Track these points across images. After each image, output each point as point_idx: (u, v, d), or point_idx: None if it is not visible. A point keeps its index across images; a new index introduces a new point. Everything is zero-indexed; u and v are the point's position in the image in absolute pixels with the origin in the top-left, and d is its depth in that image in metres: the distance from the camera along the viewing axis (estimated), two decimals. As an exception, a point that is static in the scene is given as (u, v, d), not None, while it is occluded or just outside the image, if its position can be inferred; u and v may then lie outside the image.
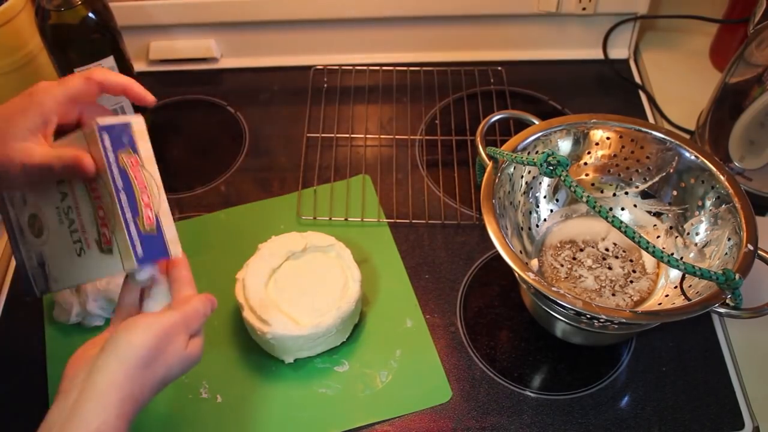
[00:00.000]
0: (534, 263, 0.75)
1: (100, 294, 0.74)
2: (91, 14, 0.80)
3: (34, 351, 0.74)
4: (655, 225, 0.76)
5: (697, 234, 0.72)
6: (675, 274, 0.72)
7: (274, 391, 0.71)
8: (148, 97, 0.62)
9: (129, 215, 0.54)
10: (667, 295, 0.71)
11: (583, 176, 0.78)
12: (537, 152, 0.74)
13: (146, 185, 0.55)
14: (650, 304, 0.71)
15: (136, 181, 0.55)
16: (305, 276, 0.74)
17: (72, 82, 0.59)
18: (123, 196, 0.54)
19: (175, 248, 0.56)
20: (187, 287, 0.57)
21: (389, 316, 0.76)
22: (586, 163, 0.77)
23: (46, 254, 0.61)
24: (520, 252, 0.73)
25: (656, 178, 0.75)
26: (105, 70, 0.61)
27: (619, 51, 1.04)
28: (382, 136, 0.94)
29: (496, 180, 0.70)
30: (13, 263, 0.82)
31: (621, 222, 0.60)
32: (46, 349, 0.74)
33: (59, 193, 0.58)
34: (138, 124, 0.56)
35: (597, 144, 0.76)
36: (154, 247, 0.55)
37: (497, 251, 0.64)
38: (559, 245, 0.77)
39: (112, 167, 0.54)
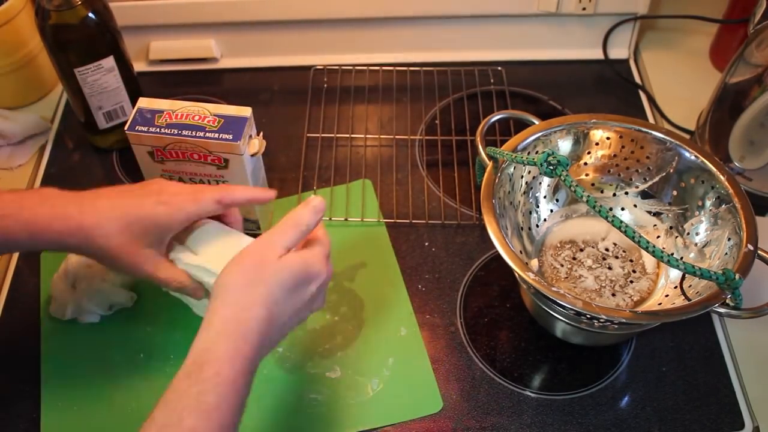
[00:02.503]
0: (534, 263, 0.75)
1: (95, 292, 0.74)
2: (91, 14, 0.80)
3: (30, 344, 0.74)
4: (655, 225, 0.76)
5: (697, 234, 0.72)
6: (675, 274, 0.72)
7: (264, 394, 0.71)
8: (271, 195, 0.66)
9: None
10: (667, 295, 0.71)
11: (583, 176, 0.78)
12: (537, 152, 0.74)
13: None
14: (650, 304, 0.71)
15: None
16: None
17: (206, 204, 0.61)
18: None
19: None
20: None
21: (384, 324, 0.76)
22: (586, 163, 0.77)
23: None
24: (520, 252, 0.73)
25: (656, 178, 0.75)
26: (232, 191, 0.63)
27: (619, 51, 1.04)
28: (382, 136, 0.94)
29: (496, 180, 0.70)
30: (14, 261, 0.82)
31: (621, 222, 0.60)
32: (41, 343, 0.74)
33: None
34: None
35: (597, 144, 0.76)
36: None
37: (497, 251, 0.64)
38: (559, 245, 0.77)
39: None
